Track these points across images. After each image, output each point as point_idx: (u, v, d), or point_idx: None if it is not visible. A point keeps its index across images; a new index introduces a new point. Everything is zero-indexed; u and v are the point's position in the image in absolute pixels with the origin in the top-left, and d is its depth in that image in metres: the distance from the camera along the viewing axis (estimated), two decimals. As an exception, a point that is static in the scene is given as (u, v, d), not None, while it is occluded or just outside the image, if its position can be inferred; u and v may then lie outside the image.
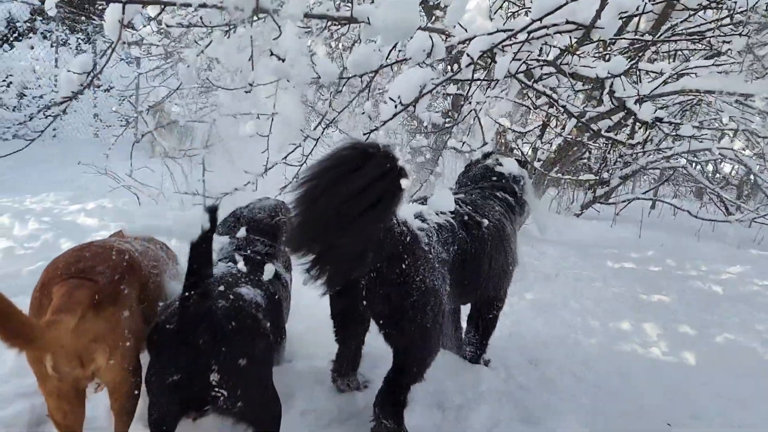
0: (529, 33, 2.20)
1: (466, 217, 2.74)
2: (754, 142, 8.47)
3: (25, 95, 8.89)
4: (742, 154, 7.92)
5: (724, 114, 7.59)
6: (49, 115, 9.52)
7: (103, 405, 2.17)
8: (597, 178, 7.35)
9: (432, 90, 2.02)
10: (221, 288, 2.00)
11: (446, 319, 2.50)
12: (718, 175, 12.83)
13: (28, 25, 9.72)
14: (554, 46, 3.30)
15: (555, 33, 2.20)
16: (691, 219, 9.73)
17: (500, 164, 3.23)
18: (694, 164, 11.42)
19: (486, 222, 2.79)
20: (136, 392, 1.97)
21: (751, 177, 9.74)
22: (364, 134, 2.05)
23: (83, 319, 1.66)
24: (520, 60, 2.77)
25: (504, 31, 2.36)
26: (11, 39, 9.26)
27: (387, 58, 2.41)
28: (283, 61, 1.77)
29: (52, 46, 9.70)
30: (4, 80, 8.90)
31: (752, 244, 8.65)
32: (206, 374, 1.76)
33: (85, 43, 10.50)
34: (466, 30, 2.42)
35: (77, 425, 1.87)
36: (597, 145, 9.71)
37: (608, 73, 3.48)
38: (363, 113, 2.12)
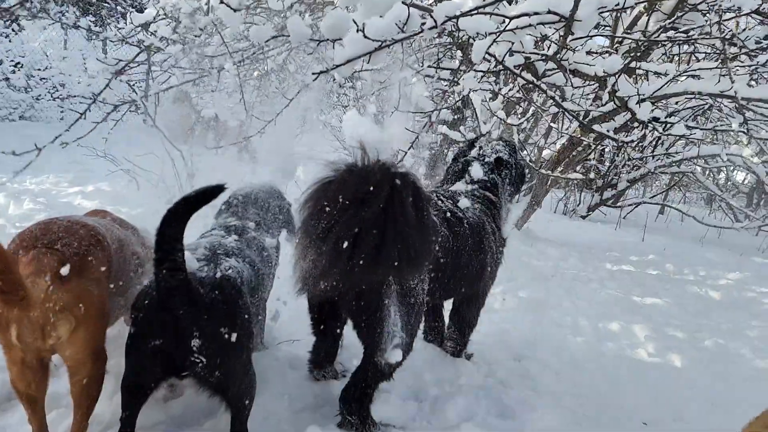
0: (509, 19, 2.17)
1: (448, 214, 2.70)
2: (765, 149, 8.34)
3: (33, 76, 8.97)
4: (751, 161, 7.79)
5: (735, 120, 7.49)
6: (57, 97, 9.61)
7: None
8: (585, 177, 7.28)
9: (391, 44, 1.98)
10: (211, 258, 2.04)
11: (419, 319, 2.45)
12: (729, 182, 12.68)
13: (41, 5, 9.78)
14: (546, 38, 3.25)
15: (538, 24, 2.16)
16: (699, 225, 9.65)
17: (482, 156, 3.14)
18: (707, 172, 11.31)
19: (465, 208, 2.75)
20: (98, 379, 1.94)
21: (765, 185, 9.60)
22: (313, 74, 2.04)
23: (49, 287, 1.67)
24: (510, 50, 2.73)
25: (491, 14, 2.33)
26: (20, 19, 9.34)
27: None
28: (235, 11, 1.77)
29: (62, 28, 9.78)
30: (12, 60, 8.98)
31: (756, 252, 8.54)
32: (188, 339, 1.78)
33: (98, 27, 10.56)
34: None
35: (39, 396, 1.87)
36: (608, 147, 9.64)
37: (604, 71, 3.44)
38: (334, 80, 2.08)
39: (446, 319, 3.41)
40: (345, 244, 1.87)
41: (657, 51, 5.32)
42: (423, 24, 2.01)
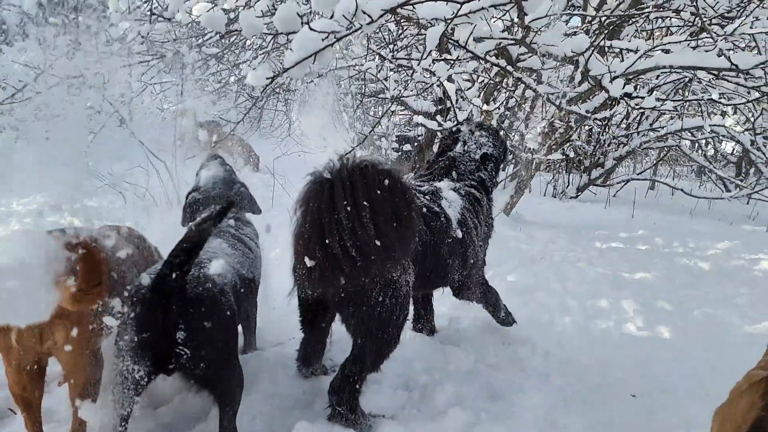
0: (461, 4, 2.20)
1: (424, 209, 2.74)
2: (748, 117, 8.40)
3: (15, 98, 8.97)
4: (734, 130, 7.85)
5: (714, 90, 7.54)
6: (41, 118, 9.58)
7: (64, 397, 2.21)
8: (565, 157, 7.33)
9: (334, 43, 2.03)
10: (198, 261, 2.14)
11: (406, 310, 2.49)
12: (718, 154, 12.72)
13: (18, 28, 9.79)
14: (513, 22, 3.29)
15: (490, 6, 2.20)
16: (689, 198, 9.70)
17: (467, 152, 3.19)
18: (695, 145, 11.35)
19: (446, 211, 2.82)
20: (95, 382, 2.00)
21: (750, 153, 9.66)
22: (267, 78, 2.11)
23: None
24: (471, 34, 2.76)
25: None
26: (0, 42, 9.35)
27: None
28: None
29: (40, 45, 9.76)
30: (-7, 84, 8.97)
31: (747, 220, 8.59)
32: (173, 332, 1.88)
33: (75, 43, 10.53)
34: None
35: (35, 399, 1.95)
36: (594, 128, 9.69)
37: (572, 50, 3.47)
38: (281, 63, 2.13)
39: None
40: (337, 247, 1.97)
41: (629, 28, 5.36)
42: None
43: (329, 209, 1.97)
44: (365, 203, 1.98)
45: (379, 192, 2.02)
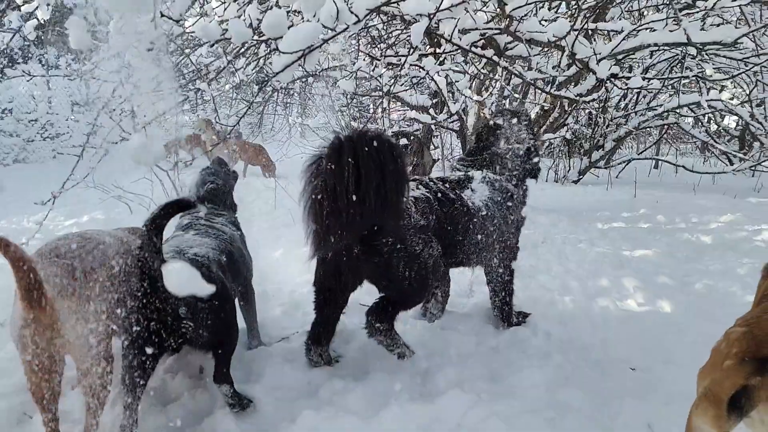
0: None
1: (439, 194, 2.98)
2: (743, 89, 8.36)
3: (21, 120, 9.18)
4: (731, 104, 7.82)
5: (708, 65, 7.53)
6: (47, 137, 9.80)
7: (78, 399, 2.32)
8: (557, 136, 7.34)
9: (320, 45, 2.13)
10: (178, 252, 2.44)
11: (428, 275, 2.74)
12: (720, 128, 12.62)
13: (22, 51, 10.00)
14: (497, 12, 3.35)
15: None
16: (693, 174, 9.66)
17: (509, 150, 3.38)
18: (698, 122, 11.28)
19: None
20: (107, 378, 2.10)
21: (750, 126, 9.58)
22: (257, 85, 2.24)
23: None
24: (456, 26, 2.83)
25: None
26: (3, 67, 9.56)
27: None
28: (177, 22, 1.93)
29: (43, 66, 9.97)
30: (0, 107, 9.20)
31: (752, 193, 8.55)
32: (177, 309, 2.17)
33: (76, 62, 10.73)
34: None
35: (52, 398, 2.04)
36: (593, 111, 9.68)
37: (554, 35, 3.53)
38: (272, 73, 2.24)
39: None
40: (336, 202, 2.27)
41: (614, 10, 5.37)
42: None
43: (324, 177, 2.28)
44: (350, 159, 2.23)
45: (367, 149, 2.26)
